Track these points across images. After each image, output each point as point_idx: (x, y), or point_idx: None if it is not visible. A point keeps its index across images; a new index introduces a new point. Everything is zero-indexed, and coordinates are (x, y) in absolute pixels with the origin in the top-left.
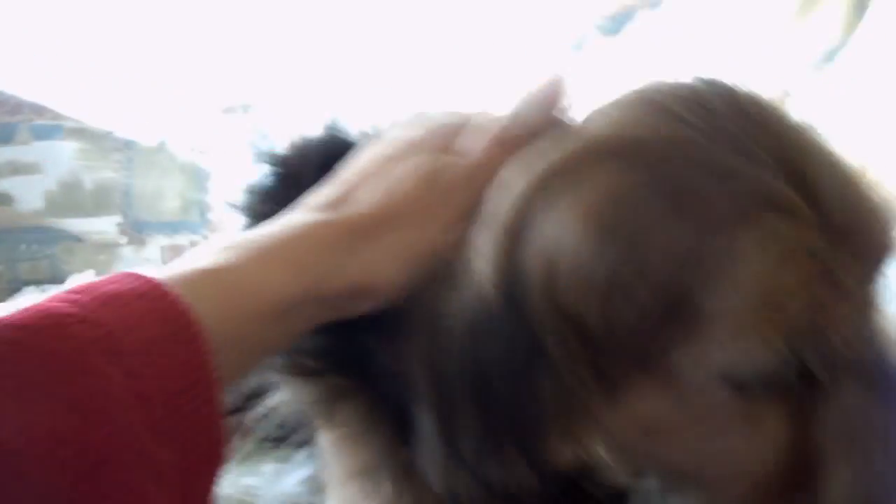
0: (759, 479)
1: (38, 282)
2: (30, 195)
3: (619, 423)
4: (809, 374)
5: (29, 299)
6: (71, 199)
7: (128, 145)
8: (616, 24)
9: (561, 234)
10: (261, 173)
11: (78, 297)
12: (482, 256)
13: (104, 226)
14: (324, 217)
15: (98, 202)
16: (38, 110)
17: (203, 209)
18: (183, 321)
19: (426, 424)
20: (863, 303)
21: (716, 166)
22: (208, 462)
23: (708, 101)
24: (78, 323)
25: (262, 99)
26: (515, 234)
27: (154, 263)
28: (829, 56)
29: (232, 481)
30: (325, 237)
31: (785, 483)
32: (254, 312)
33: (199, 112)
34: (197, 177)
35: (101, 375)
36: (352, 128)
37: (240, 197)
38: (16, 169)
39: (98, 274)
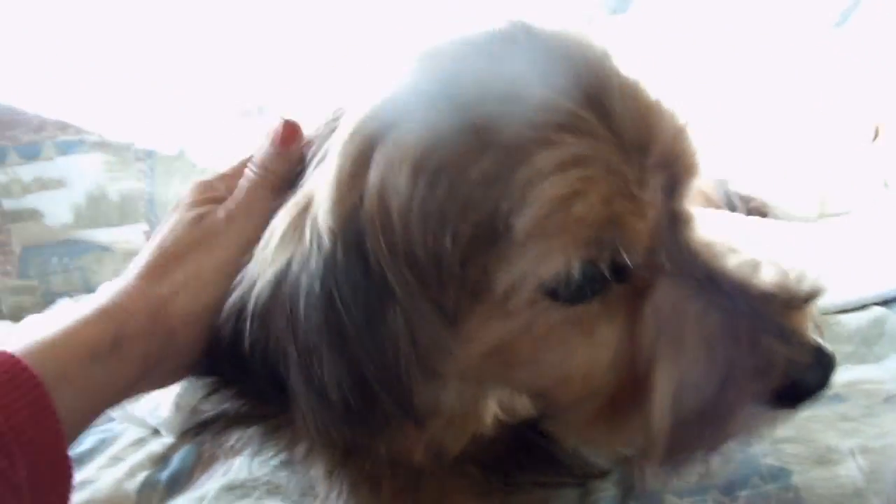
0: (598, 384)
1: (70, 293)
2: (58, 209)
3: (465, 351)
4: (630, 280)
5: (63, 309)
6: (98, 210)
7: (149, 155)
8: (622, 2)
9: (387, 177)
10: None
11: None
12: (321, 210)
13: (131, 234)
14: (128, 276)
15: (124, 212)
16: (62, 126)
17: None
18: (21, 370)
19: (297, 384)
20: (664, 209)
21: (516, 97)
22: (57, 484)
23: (512, 38)
24: None
25: (278, 101)
26: (348, 185)
27: None
28: (844, 17)
29: None
30: (124, 289)
31: (621, 388)
32: (73, 356)
33: (216, 117)
34: None
35: None
36: None
37: None
38: (43, 185)
39: None
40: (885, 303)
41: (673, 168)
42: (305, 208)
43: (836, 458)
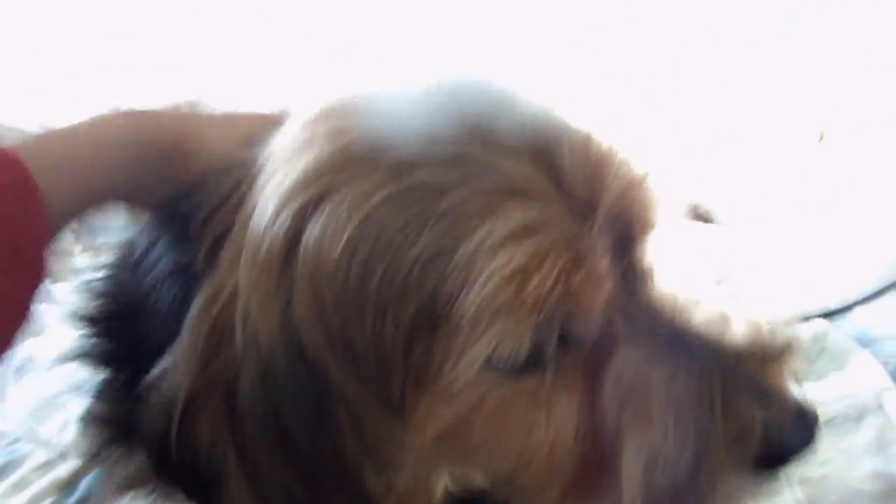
0: (561, 463)
1: None
2: None
3: (416, 441)
4: (587, 347)
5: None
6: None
7: None
8: None
9: (317, 264)
10: None
11: None
12: (251, 308)
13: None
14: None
15: None
16: None
17: None
18: (24, 188)
19: (240, 491)
20: (619, 269)
21: (456, 161)
22: (29, 278)
23: (455, 93)
24: None
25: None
26: (277, 277)
27: None
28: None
29: None
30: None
31: (587, 466)
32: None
33: None
34: None
35: None
36: None
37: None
38: None
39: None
40: (828, 315)
41: (626, 223)
42: (227, 303)
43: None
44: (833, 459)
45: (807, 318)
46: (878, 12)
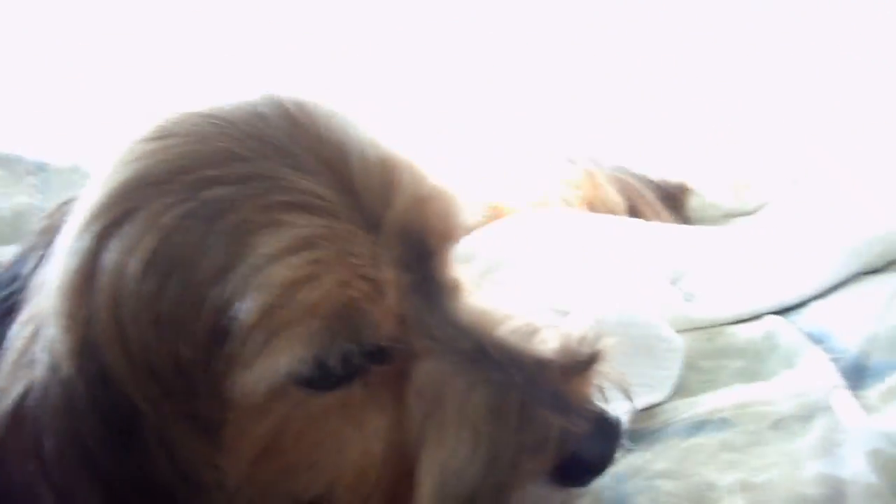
0: (374, 478)
1: None
2: None
3: (230, 462)
4: (391, 361)
5: None
6: None
7: (41, 167)
8: None
9: (116, 282)
10: None
11: None
12: (53, 327)
13: None
14: None
15: (16, 230)
16: None
17: None
18: None
19: None
20: (413, 282)
21: (248, 177)
22: None
23: (255, 113)
24: None
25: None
26: (78, 295)
27: None
28: None
29: None
30: None
31: (399, 481)
32: None
33: (111, 126)
34: None
35: None
36: None
37: None
38: None
39: None
40: (782, 312)
41: (419, 235)
42: (37, 326)
43: (714, 496)
44: (778, 463)
45: (759, 316)
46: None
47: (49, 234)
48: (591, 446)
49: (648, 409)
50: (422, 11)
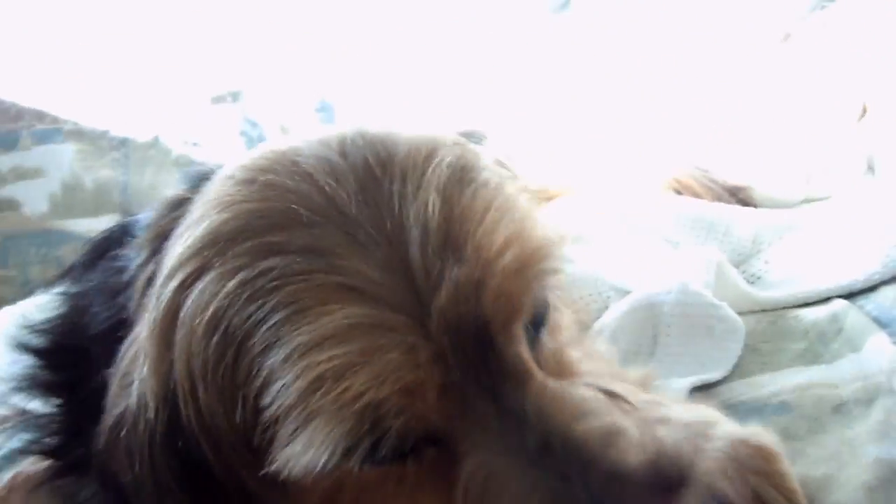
0: None
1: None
2: (35, 199)
3: None
4: (449, 444)
5: (41, 301)
6: (73, 200)
7: (123, 143)
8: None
9: (188, 340)
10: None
11: None
12: (144, 366)
13: (106, 225)
14: None
15: (98, 202)
16: (38, 115)
17: None
18: None
19: None
20: (478, 374)
21: (310, 253)
22: None
23: (335, 167)
24: None
25: (252, 86)
26: (162, 343)
27: None
28: None
29: None
30: None
31: None
32: None
33: (188, 103)
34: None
35: None
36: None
37: None
38: (21, 174)
39: None
40: (850, 296)
41: (476, 322)
42: (137, 351)
43: None
44: (838, 454)
45: (826, 299)
46: None
47: (159, 240)
48: None
49: (704, 388)
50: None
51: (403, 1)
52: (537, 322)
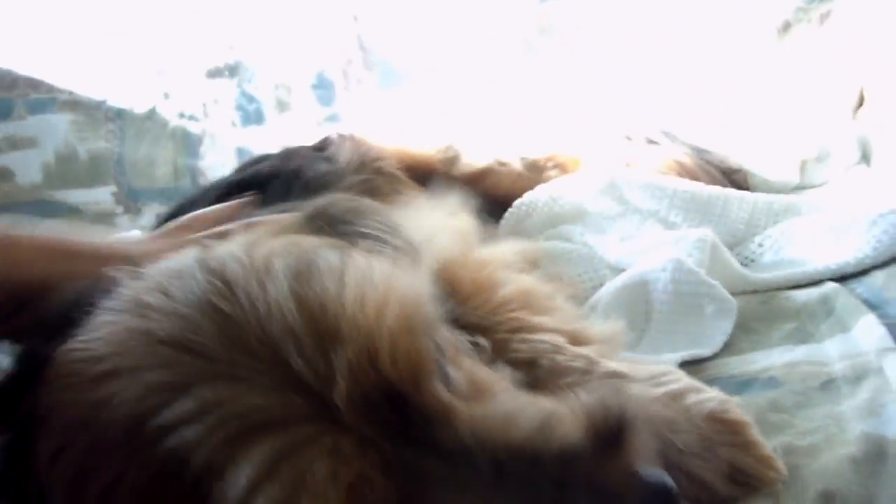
0: None
1: None
2: (29, 169)
3: None
4: None
5: None
6: (67, 171)
7: (119, 114)
8: None
9: None
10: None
11: None
12: None
13: (100, 196)
14: None
15: (93, 173)
16: (33, 84)
17: (195, 174)
18: None
19: None
20: (398, 437)
21: (198, 415)
22: None
23: (186, 319)
24: None
25: (249, 60)
26: None
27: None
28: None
29: None
30: None
31: None
32: None
33: (185, 76)
34: (187, 142)
35: None
36: None
37: None
38: (14, 144)
39: None
40: (841, 279)
41: (385, 393)
42: None
43: None
44: (824, 426)
45: (818, 282)
46: None
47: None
48: None
49: (695, 364)
50: None
51: None
52: (440, 363)
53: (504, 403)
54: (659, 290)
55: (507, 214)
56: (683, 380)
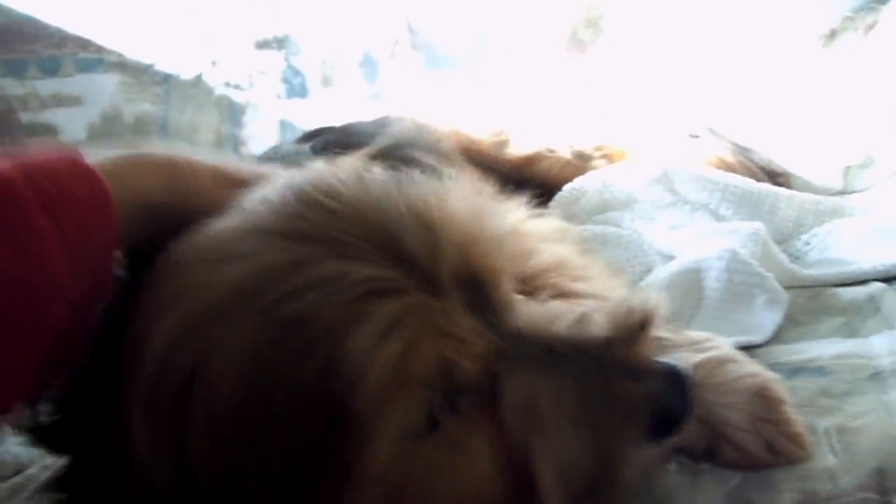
0: (492, 497)
1: None
2: (73, 127)
3: None
4: (478, 390)
5: None
6: (112, 131)
7: (166, 79)
8: None
9: (216, 408)
10: None
11: (21, 164)
12: (145, 450)
13: None
14: None
15: (136, 134)
16: (82, 43)
17: (237, 144)
18: (104, 197)
19: None
20: (484, 316)
21: (317, 282)
22: (104, 292)
23: (299, 214)
24: (19, 179)
25: (297, 33)
26: (171, 422)
27: None
28: None
29: None
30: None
31: (516, 494)
32: (137, 201)
33: (233, 45)
34: (231, 111)
35: (36, 223)
36: None
37: None
38: (60, 100)
39: None
40: (888, 280)
41: (474, 278)
42: (122, 450)
43: (811, 439)
44: (874, 410)
45: (865, 281)
46: None
47: None
48: (672, 399)
49: (744, 351)
50: None
51: None
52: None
53: (550, 306)
54: (712, 277)
55: (556, 197)
56: (724, 347)
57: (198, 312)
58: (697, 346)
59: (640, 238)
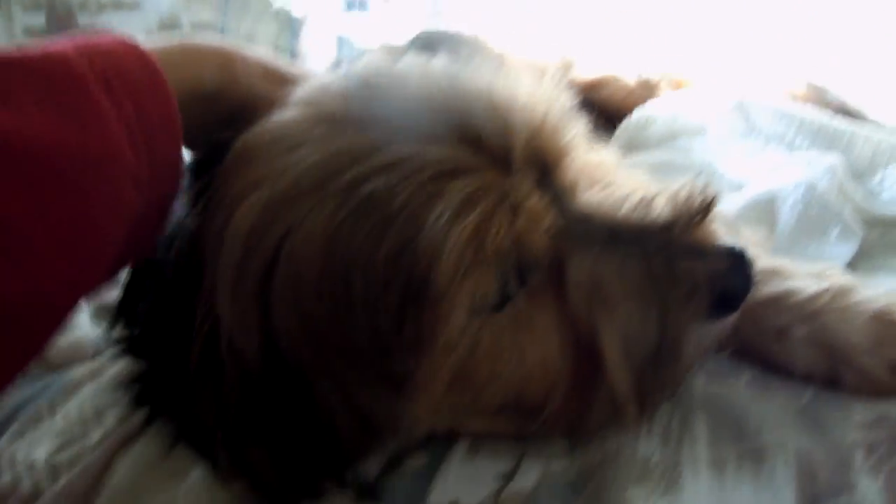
0: (557, 372)
1: None
2: (130, 31)
3: (423, 402)
4: (546, 267)
5: None
6: (167, 37)
7: None
8: None
9: (299, 284)
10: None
11: (79, 44)
12: (234, 331)
13: None
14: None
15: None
16: None
17: (294, 56)
18: (158, 78)
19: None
20: (552, 196)
21: (392, 164)
22: (171, 176)
23: (370, 95)
24: (79, 59)
25: None
26: (250, 300)
27: None
28: None
29: None
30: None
31: (578, 370)
32: (190, 88)
33: None
34: (289, 24)
35: (96, 99)
36: None
37: None
38: (119, 4)
39: None
40: None
41: (543, 159)
42: (211, 325)
43: None
44: None
45: None
46: None
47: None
48: (733, 277)
49: None
50: None
51: None
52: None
53: (609, 192)
54: (788, 208)
55: (623, 123)
56: (845, 276)
57: (277, 196)
58: (818, 275)
59: (710, 166)
